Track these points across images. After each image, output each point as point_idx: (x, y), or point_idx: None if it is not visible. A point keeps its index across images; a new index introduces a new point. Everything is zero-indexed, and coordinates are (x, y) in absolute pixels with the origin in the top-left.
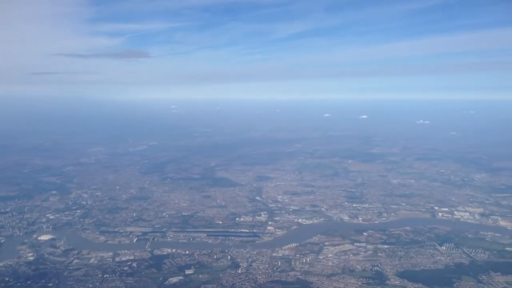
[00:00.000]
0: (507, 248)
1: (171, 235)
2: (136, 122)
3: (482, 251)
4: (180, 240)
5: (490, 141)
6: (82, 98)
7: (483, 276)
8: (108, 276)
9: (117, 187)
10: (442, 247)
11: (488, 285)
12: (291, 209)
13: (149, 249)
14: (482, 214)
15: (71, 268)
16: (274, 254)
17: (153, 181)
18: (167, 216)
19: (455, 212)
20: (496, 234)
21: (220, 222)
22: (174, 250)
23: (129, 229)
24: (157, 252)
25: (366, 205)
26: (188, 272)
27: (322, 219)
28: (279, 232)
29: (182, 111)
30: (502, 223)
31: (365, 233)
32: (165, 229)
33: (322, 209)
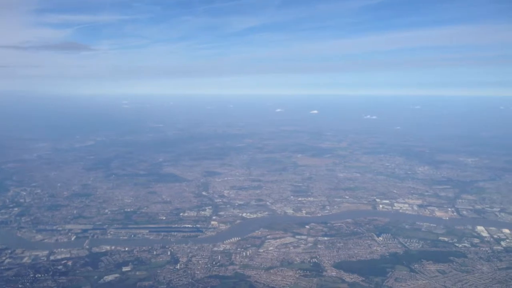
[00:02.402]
0: (440, 238)
1: (111, 232)
2: (84, 117)
3: (417, 241)
4: (121, 237)
5: (434, 135)
6: (26, 92)
7: (415, 265)
8: (40, 275)
9: (59, 184)
10: (380, 238)
11: (419, 274)
12: (236, 204)
13: (87, 247)
14: (420, 206)
15: (2, 268)
16: (215, 249)
17: (98, 177)
18: (109, 212)
19: (395, 204)
20: (432, 225)
21: (164, 218)
22: (113, 247)
23: (68, 226)
24: (95, 249)
25: (311, 199)
26: (125, 269)
27: (266, 213)
28: (223, 227)
29: (133, 106)
30: (438, 213)
31: (307, 226)
32: (106, 226)
33: (267, 203)
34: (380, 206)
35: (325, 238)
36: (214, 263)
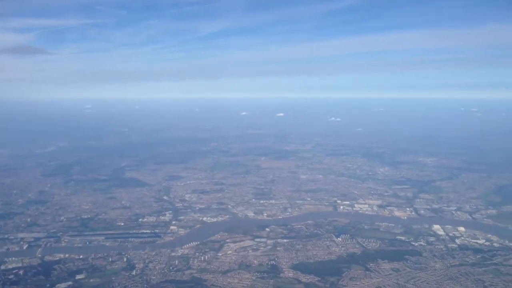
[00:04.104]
0: (398, 237)
1: (66, 240)
2: (45, 122)
3: (375, 241)
4: (76, 245)
5: (395, 137)
6: None
7: (371, 264)
8: None
9: (15, 191)
10: (339, 239)
11: (374, 272)
12: (197, 208)
13: (39, 255)
14: (380, 206)
15: None
16: (173, 254)
17: (56, 183)
18: (65, 220)
19: (356, 205)
20: (390, 224)
21: (122, 224)
22: (67, 255)
23: (20, 235)
24: (48, 258)
25: (273, 201)
26: (78, 277)
27: (227, 216)
28: (182, 232)
29: (97, 111)
30: (397, 213)
31: (267, 229)
32: (61, 233)
33: (229, 206)
34: (341, 207)
35: (285, 241)
36: (171, 268)
